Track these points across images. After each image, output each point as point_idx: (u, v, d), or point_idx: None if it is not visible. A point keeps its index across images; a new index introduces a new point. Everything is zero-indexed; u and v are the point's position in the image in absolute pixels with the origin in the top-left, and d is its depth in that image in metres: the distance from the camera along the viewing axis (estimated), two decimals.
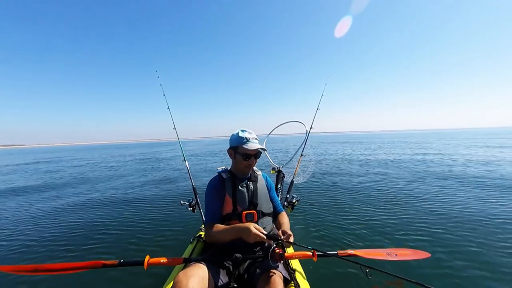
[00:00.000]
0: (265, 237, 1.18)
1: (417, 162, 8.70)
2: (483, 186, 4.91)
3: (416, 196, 4.35)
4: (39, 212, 4.22)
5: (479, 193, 4.42)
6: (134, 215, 3.84)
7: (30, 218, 3.93)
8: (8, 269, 1.25)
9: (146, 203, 4.53)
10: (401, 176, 6.23)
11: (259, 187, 1.49)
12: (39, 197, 5.50)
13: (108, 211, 4.12)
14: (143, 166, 10.96)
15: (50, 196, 5.56)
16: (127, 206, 4.40)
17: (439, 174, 6.29)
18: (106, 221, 3.60)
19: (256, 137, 1.46)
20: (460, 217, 3.27)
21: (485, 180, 5.39)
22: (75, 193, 5.78)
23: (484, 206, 3.66)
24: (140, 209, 4.19)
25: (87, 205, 4.60)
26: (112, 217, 3.78)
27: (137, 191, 5.70)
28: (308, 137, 2.87)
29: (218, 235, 1.31)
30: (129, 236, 3.04)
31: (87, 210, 4.26)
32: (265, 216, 1.47)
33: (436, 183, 5.35)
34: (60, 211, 4.23)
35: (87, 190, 6.01)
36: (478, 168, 6.96)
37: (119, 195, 5.28)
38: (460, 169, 6.84)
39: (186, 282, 1.01)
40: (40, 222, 3.71)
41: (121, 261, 1.25)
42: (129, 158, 15.20)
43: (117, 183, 6.91)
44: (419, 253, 1.47)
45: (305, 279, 1.36)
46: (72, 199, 5.16)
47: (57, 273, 1.21)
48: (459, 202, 3.90)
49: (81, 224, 3.52)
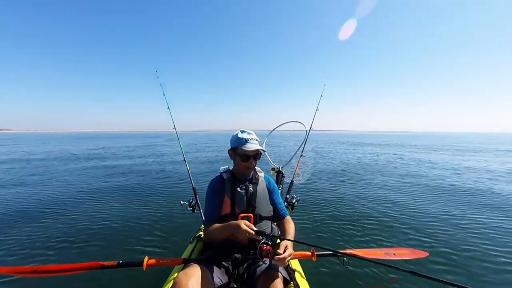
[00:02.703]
0: (253, 233, 1.17)
1: (416, 163, 8.74)
2: (481, 186, 4.94)
3: (415, 196, 4.38)
4: (37, 212, 4.18)
5: (478, 194, 4.45)
6: (133, 215, 3.82)
7: (27, 218, 3.90)
8: (5, 271, 1.24)
9: (146, 203, 4.51)
10: (400, 177, 6.26)
11: (259, 190, 1.46)
12: (36, 195, 5.46)
13: (106, 212, 4.10)
14: (142, 164, 10.91)
15: (48, 195, 5.52)
16: (126, 206, 4.38)
17: (437, 175, 6.32)
18: (105, 222, 3.58)
19: (255, 137, 1.44)
20: (459, 217, 3.30)
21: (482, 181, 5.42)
22: (72, 193, 5.74)
23: (482, 207, 3.69)
24: (139, 209, 4.17)
25: (84, 205, 4.57)
26: (111, 218, 3.76)
27: (136, 191, 5.67)
28: (308, 137, 2.88)
29: (214, 234, 1.32)
30: (128, 236, 3.02)
31: (85, 210, 4.24)
32: (263, 220, 1.44)
33: (435, 183, 5.38)
34: (58, 211, 4.20)
35: (84, 190, 5.98)
36: (475, 170, 7.00)
37: (119, 195, 5.25)
38: (457, 171, 6.88)
39: (186, 282, 1.01)
40: (38, 222, 3.68)
41: (120, 262, 1.25)
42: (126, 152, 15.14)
43: (115, 182, 6.88)
44: (417, 253, 1.48)
45: (305, 279, 1.37)
46: (69, 199, 5.13)
47: (55, 274, 1.21)
48: (458, 203, 3.92)
49: (79, 225, 3.50)
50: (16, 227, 3.51)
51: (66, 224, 3.58)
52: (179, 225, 3.32)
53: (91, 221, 3.66)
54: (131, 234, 3.08)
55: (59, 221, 3.71)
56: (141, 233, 3.10)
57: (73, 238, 3.04)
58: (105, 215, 3.92)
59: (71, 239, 3.03)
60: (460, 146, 17.92)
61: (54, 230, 3.34)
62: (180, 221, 3.47)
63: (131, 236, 3.02)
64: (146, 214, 3.86)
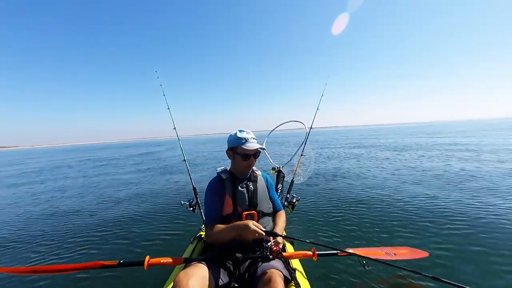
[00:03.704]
0: (264, 234, 1.19)
1: (416, 161, 8.73)
2: (482, 185, 4.93)
3: (415, 196, 4.37)
4: (38, 213, 4.20)
5: (478, 192, 4.44)
6: (134, 216, 3.83)
7: (29, 219, 3.92)
8: (7, 271, 1.25)
9: (146, 203, 4.52)
10: (400, 176, 6.25)
11: (259, 187, 1.49)
12: (38, 198, 5.48)
13: (107, 212, 4.11)
14: (142, 167, 10.94)
15: (49, 197, 5.54)
16: (127, 206, 4.40)
17: (439, 173, 6.31)
18: (106, 222, 3.60)
19: (254, 136, 1.46)
20: (459, 216, 3.29)
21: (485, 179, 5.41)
22: (74, 193, 5.76)
23: (483, 206, 3.68)
24: (140, 209, 4.18)
25: (86, 205, 4.58)
26: (112, 218, 3.77)
27: (136, 191, 5.68)
28: (308, 137, 2.88)
29: (219, 235, 1.32)
30: (129, 236, 3.03)
31: (86, 210, 4.25)
32: (265, 216, 1.47)
33: (436, 182, 5.37)
34: (59, 212, 4.22)
35: (86, 191, 6.00)
36: (476, 166, 6.99)
37: (119, 196, 5.27)
38: (458, 168, 6.87)
39: (187, 281, 1.01)
40: (39, 223, 3.70)
41: (121, 261, 1.25)
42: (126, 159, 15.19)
43: (116, 183, 6.89)
44: (418, 252, 1.48)
45: (306, 279, 1.37)
46: (71, 199, 5.14)
47: (56, 273, 1.21)
48: (458, 202, 3.92)
49: (81, 225, 3.51)
50: (16, 228, 3.52)
51: (67, 224, 3.59)
52: (180, 225, 3.33)
53: (92, 221, 3.67)
54: (132, 234, 3.09)
55: (60, 221, 3.72)
56: (142, 233, 3.11)
57: (74, 238, 3.05)
58: (106, 215, 3.93)
59: (72, 239, 3.04)
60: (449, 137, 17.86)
61: (55, 230, 3.36)
62: (181, 221, 3.47)
63: (132, 236, 3.02)
64: (147, 214, 3.86)
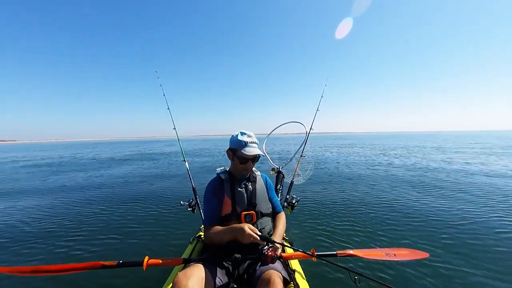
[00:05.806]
0: (258, 238, 1.19)
1: (416, 164, 8.74)
2: (481, 187, 4.93)
3: (415, 196, 4.37)
4: (37, 213, 4.19)
5: (477, 194, 4.44)
6: (133, 216, 3.83)
7: (27, 218, 3.91)
8: (7, 270, 1.24)
9: (146, 204, 4.51)
10: (400, 178, 6.26)
11: (258, 188, 1.49)
12: (37, 197, 5.47)
13: (106, 212, 4.10)
14: (142, 166, 10.93)
15: (48, 196, 5.54)
16: (126, 206, 4.39)
17: (438, 176, 6.32)
18: (105, 222, 3.59)
19: (255, 140, 1.45)
20: (459, 217, 3.29)
21: (484, 181, 5.41)
22: (73, 193, 5.75)
23: (482, 207, 3.68)
24: (139, 209, 4.18)
25: (85, 205, 4.58)
26: (112, 218, 3.76)
27: (136, 191, 5.68)
28: (308, 138, 2.88)
29: (216, 236, 1.32)
30: (128, 236, 3.03)
31: (85, 210, 4.24)
32: (264, 217, 1.47)
33: (435, 184, 5.37)
34: (58, 212, 4.21)
35: (85, 191, 5.99)
36: (475, 170, 6.99)
37: (119, 196, 5.27)
38: (458, 171, 6.88)
39: (186, 282, 1.01)
40: (38, 222, 3.69)
41: (120, 261, 1.25)
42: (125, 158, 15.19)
43: (116, 182, 6.89)
44: (417, 253, 1.47)
45: (305, 280, 1.37)
46: (70, 199, 5.13)
47: (56, 274, 1.21)
48: (457, 203, 3.92)
49: (79, 225, 3.51)
50: (17, 228, 3.52)
51: (66, 224, 3.59)
52: (179, 225, 3.32)
53: (92, 221, 3.67)
54: (131, 234, 3.08)
55: (59, 221, 3.72)
56: (142, 233, 3.10)
57: (74, 238, 3.05)
58: (106, 215, 3.93)
59: (71, 239, 3.04)
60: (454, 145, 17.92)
61: (54, 230, 3.35)
62: (180, 221, 3.47)
63: (131, 236, 3.02)
64: (147, 215, 3.86)
